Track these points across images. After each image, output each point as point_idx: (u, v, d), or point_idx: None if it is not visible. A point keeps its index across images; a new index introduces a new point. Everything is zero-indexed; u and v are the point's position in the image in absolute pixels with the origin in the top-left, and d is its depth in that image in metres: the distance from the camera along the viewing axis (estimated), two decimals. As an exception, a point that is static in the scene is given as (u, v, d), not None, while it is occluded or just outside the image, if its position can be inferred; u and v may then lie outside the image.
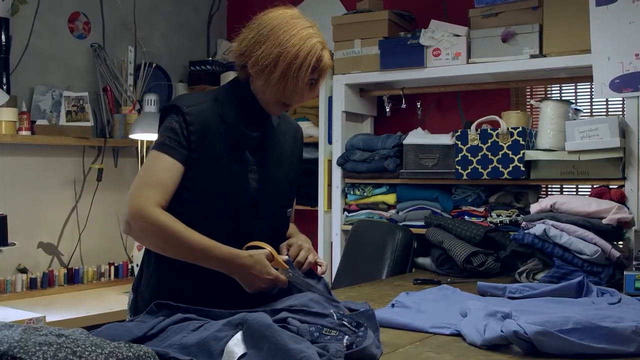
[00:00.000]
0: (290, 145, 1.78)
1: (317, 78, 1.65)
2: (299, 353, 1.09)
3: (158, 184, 1.56)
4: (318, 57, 1.60)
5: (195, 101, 1.65)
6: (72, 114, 3.29)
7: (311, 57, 1.59)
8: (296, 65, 1.57)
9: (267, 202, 1.67)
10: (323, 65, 1.63)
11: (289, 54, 1.57)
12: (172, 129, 1.59)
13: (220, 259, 1.53)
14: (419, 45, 2.98)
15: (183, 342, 1.26)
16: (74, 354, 1.01)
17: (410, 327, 1.52)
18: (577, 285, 1.90)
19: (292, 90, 1.60)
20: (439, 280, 2.32)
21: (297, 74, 1.58)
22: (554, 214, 2.30)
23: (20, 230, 3.13)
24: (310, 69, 1.59)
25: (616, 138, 2.43)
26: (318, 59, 1.61)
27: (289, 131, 1.80)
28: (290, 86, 1.59)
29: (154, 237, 1.56)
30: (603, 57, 2.52)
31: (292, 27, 1.60)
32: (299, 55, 1.57)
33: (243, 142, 1.65)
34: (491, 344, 1.35)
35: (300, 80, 1.59)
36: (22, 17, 3.22)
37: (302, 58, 1.57)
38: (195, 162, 1.59)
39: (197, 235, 1.53)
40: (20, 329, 1.05)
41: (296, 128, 1.85)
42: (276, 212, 1.71)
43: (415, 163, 2.97)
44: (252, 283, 1.54)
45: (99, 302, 3.04)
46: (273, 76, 1.58)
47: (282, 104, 1.65)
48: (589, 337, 1.29)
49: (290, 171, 1.77)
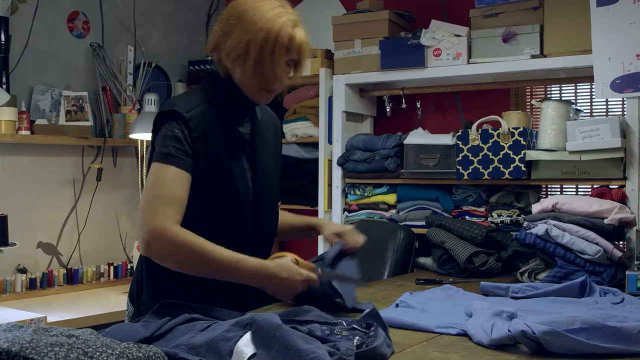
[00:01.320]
0: (273, 137, 1.76)
1: (297, 58, 1.58)
2: (309, 353, 1.09)
3: (173, 200, 1.48)
4: (289, 36, 1.53)
5: (192, 105, 1.58)
6: (72, 114, 3.29)
7: (282, 37, 1.52)
8: (268, 49, 1.51)
9: (261, 199, 1.65)
10: (297, 43, 1.56)
11: (258, 38, 1.51)
12: (175, 137, 1.52)
13: (249, 273, 1.49)
14: (420, 46, 2.98)
15: (191, 342, 1.26)
16: (85, 354, 1.01)
17: (416, 327, 1.52)
18: (580, 285, 1.90)
19: (270, 75, 1.55)
20: (441, 280, 2.32)
21: (271, 57, 1.52)
22: (555, 214, 2.30)
23: (20, 230, 3.12)
24: (284, 49, 1.53)
25: (617, 138, 2.44)
26: (290, 38, 1.53)
27: (270, 123, 1.76)
28: (267, 71, 1.54)
29: (180, 258, 1.49)
30: (604, 57, 2.53)
31: (258, 10, 1.54)
32: (268, 38, 1.51)
33: (239, 142, 1.63)
34: (498, 344, 1.35)
35: (275, 63, 1.53)
36: (21, 17, 3.21)
37: (272, 40, 1.51)
38: (202, 169, 1.54)
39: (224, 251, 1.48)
40: (30, 330, 1.04)
41: (275, 119, 1.82)
42: (270, 207, 1.70)
43: (416, 163, 2.97)
44: (284, 288, 1.52)
45: (98, 302, 3.04)
46: (247, 64, 1.53)
47: (265, 91, 1.60)
48: (596, 337, 1.30)
49: (278, 163, 1.76)
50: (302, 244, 3.63)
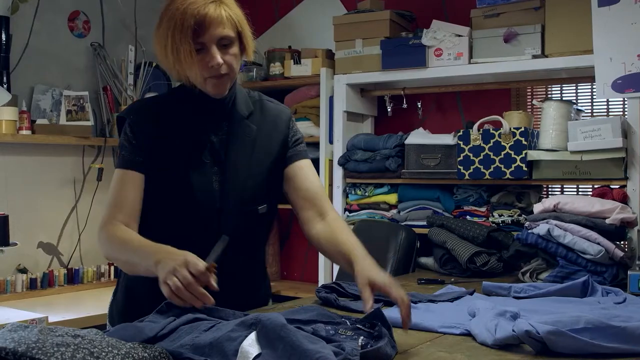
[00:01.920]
0: (269, 133, 1.66)
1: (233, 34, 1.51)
2: (315, 353, 1.09)
3: (117, 202, 1.54)
4: (197, 16, 1.46)
5: (143, 108, 1.62)
6: (72, 113, 3.28)
7: (188, 19, 1.46)
8: (177, 35, 1.47)
9: (229, 202, 1.58)
10: (213, 20, 1.47)
11: (169, 28, 1.48)
12: (125, 139, 1.57)
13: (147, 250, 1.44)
14: (421, 46, 2.98)
15: (195, 342, 1.25)
16: (91, 354, 1.01)
17: (420, 327, 1.52)
18: (582, 285, 1.91)
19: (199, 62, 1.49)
20: (443, 280, 2.32)
21: (181, 43, 1.46)
22: (557, 214, 2.31)
23: (20, 229, 3.12)
24: (191, 31, 1.46)
25: (619, 138, 2.44)
26: (198, 17, 1.46)
27: (265, 119, 1.67)
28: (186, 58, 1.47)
29: (106, 251, 1.56)
30: (605, 57, 2.53)
31: (172, 1, 1.50)
32: (175, 25, 1.47)
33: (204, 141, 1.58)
34: (502, 344, 1.35)
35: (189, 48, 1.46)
36: (21, 16, 3.20)
37: (179, 26, 1.46)
38: (151, 170, 1.56)
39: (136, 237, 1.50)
40: (36, 330, 1.04)
41: (278, 112, 1.71)
42: (243, 211, 1.60)
43: (417, 163, 2.97)
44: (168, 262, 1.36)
45: (99, 302, 3.03)
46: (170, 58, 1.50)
47: (209, 79, 1.53)
48: (600, 337, 1.30)
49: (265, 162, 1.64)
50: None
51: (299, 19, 3.77)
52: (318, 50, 3.39)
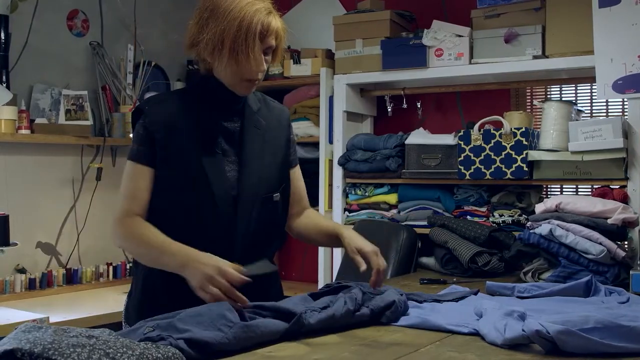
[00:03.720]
0: (275, 128, 1.74)
1: (272, 44, 1.60)
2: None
3: (131, 194, 1.59)
4: (263, 24, 1.55)
5: (159, 99, 1.67)
6: (72, 113, 3.27)
7: (255, 25, 1.54)
8: (241, 37, 1.53)
9: (248, 191, 1.63)
10: (272, 30, 1.58)
11: (231, 28, 1.53)
12: (138, 134, 1.60)
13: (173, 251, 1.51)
14: (422, 46, 2.99)
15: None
16: (107, 355, 1.01)
17: (427, 325, 1.53)
18: (585, 285, 1.91)
19: (246, 64, 1.56)
20: (445, 280, 2.32)
21: (245, 46, 1.54)
22: (559, 214, 2.31)
23: (19, 229, 3.10)
24: (258, 37, 1.55)
25: (619, 139, 2.45)
26: (264, 25, 1.56)
27: (271, 115, 1.76)
28: (242, 60, 1.55)
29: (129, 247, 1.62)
30: (606, 58, 2.54)
31: (231, 1, 1.56)
32: (241, 26, 1.53)
33: (216, 133, 1.63)
34: (512, 344, 1.35)
35: (250, 51, 1.54)
36: (20, 15, 3.18)
37: (245, 29, 1.53)
38: (164, 160, 1.58)
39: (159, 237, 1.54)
40: (50, 331, 1.04)
41: (280, 111, 1.80)
42: (261, 199, 1.66)
43: (418, 163, 2.98)
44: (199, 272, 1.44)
45: (97, 302, 3.02)
46: (222, 54, 1.55)
47: (245, 81, 1.61)
48: (609, 336, 1.30)
49: (277, 154, 1.73)
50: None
51: (298, 19, 3.76)
52: (318, 50, 3.39)
